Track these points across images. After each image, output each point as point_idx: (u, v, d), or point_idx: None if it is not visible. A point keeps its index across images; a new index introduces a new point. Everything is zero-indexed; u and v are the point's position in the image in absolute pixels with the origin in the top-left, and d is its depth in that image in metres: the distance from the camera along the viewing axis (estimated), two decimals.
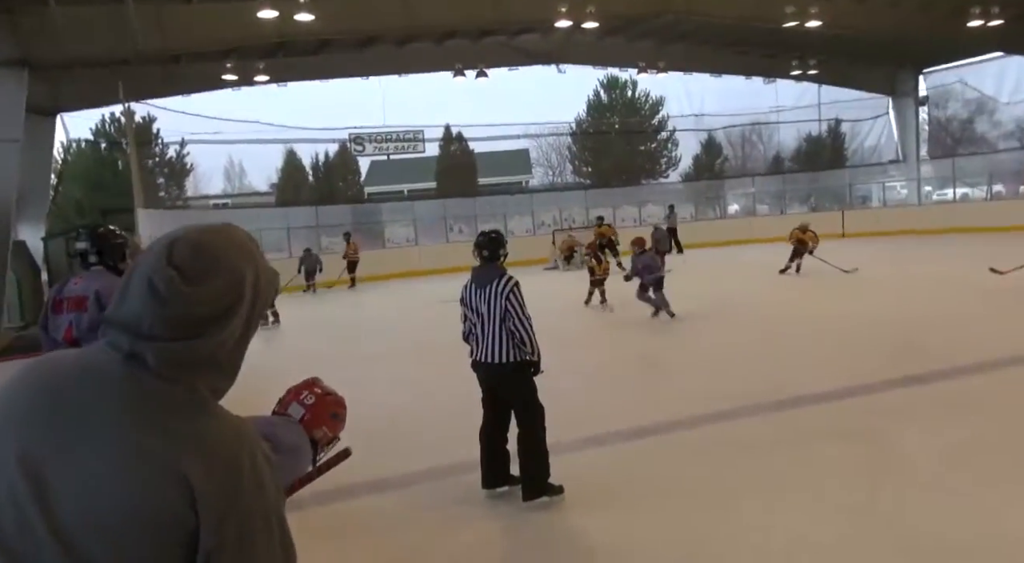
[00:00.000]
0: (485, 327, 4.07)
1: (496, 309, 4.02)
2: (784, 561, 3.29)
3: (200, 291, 1.02)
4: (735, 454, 4.67)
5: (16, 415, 1.01)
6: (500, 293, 4.04)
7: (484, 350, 4.10)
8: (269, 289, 1.13)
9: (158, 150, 29.98)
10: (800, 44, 22.60)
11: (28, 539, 0.95)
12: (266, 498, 1.03)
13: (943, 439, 4.70)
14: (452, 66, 21.34)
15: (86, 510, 0.95)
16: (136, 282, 1.02)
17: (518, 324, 4.01)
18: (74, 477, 0.96)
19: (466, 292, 4.25)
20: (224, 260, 1.06)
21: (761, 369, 7.00)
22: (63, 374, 1.03)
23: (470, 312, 4.18)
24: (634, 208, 25.68)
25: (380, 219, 24.45)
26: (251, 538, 1.00)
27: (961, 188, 25.13)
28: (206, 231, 1.09)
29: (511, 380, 4.12)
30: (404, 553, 3.69)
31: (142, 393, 1.00)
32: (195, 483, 0.96)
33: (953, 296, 10.41)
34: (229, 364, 1.08)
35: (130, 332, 1.01)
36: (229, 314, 1.05)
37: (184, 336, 1.01)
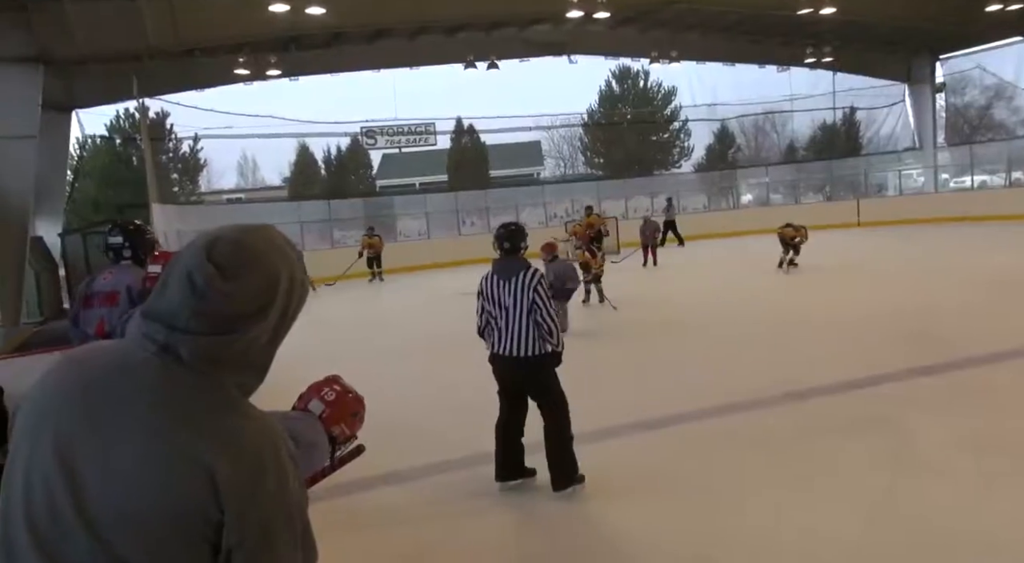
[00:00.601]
0: (509, 320, 4.02)
1: (523, 301, 3.98)
2: (797, 553, 3.28)
3: (237, 288, 1.04)
4: (746, 447, 4.65)
5: (53, 405, 1.03)
6: (528, 285, 4.01)
7: (508, 343, 4.04)
8: (303, 294, 1.16)
9: (172, 145, 30.17)
10: (815, 31, 22.33)
11: (58, 526, 0.97)
12: (289, 496, 1.04)
13: (957, 430, 4.67)
14: (463, 58, 21.27)
15: (115, 500, 0.97)
16: (176, 277, 1.05)
17: (546, 316, 3.97)
18: (105, 467, 0.98)
19: (486, 285, 4.17)
20: (262, 259, 1.08)
21: (772, 361, 6.97)
22: (98, 366, 1.06)
23: (491, 305, 4.10)
24: (646, 199, 25.57)
25: (392, 212, 24.49)
26: (273, 535, 1.02)
27: (979, 176, 24.80)
28: (246, 231, 1.11)
29: (536, 373, 4.08)
30: (421, 545, 3.71)
31: (174, 386, 1.02)
32: (220, 478, 0.98)
33: (969, 285, 10.29)
34: (259, 362, 1.10)
35: (166, 325, 1.04)
36: (263, 313, 1.07)
37: (218, 331, 1.04)
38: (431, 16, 17.79)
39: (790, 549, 3.31)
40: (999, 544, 3.21)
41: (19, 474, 1.01)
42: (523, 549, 3.62)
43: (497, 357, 4.15)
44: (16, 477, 1.01)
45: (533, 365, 4.05)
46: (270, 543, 1.02)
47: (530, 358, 4.01)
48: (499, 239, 4.26)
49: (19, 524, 0.99)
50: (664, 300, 11.78)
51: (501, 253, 4.23)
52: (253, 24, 15.96)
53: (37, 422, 1.03)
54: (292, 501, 1.05)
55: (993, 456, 4.19)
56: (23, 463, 1.02)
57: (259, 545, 1.01)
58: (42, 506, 0.98)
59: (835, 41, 23.34)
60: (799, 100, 30.11)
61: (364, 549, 3.64)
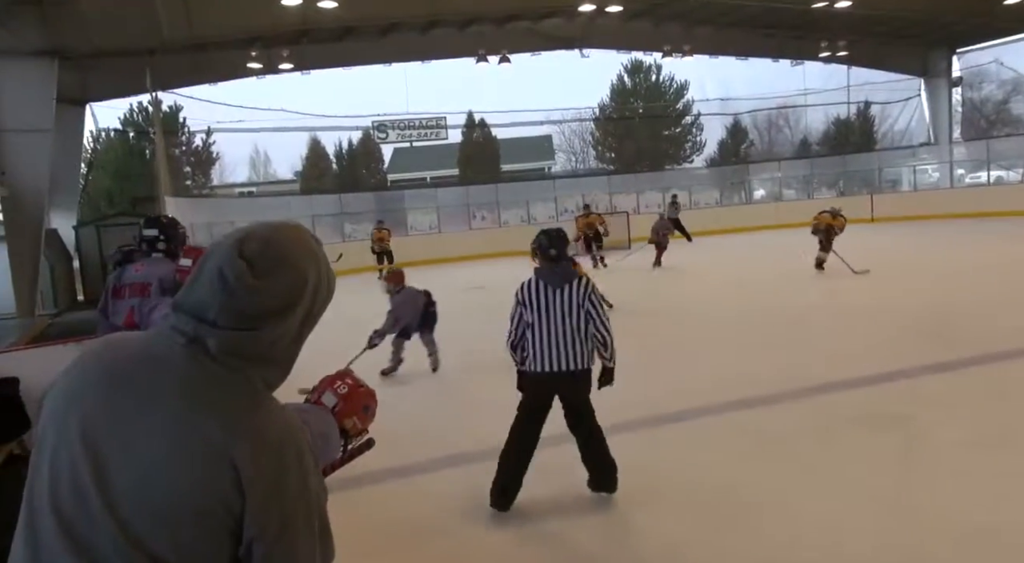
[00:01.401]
0: (556, 331, 3.73)
1: (575, 312, 3.73)
2: (812, 548, 3.26)
3: (267, 285, 1.05)
4: (761, 441, 4.63)
5: (82, 392, 1.05)
6: (582, 295, 3.76)
7: (554, 357, 3.75)
8: (329, 293, 1.17)
9: (184, 139, 30.35)
10: (829, 25, 22.12)
11: (84, 511, 0.99)
12: (309, 491, 1.06)
13: (973, 426, 4.63)
14: (475, 52, 21.24)
15: (139, 486, 0.99)
16: (207, 272, 1.06)
17: (601, 327, 3.75)
18: (129, 455, 1.00)
19: (530, 293, 3.84)
20: (291, 258, 1.10)
21: (786, 356, 6.93)
22: (128, 355, 1.08)
23: (534, 315, 3.79)
24: (658, 194, 25.46)
25: (403, 206, 24.52)
26: (293, 529, 1.03)
27: (996, 171, 24.52)
28: (277, 229, 1.13)
29: (581, 387, 3.83)
30: (427, 540, 3.72)
31: (201, 377, 1.04)
32: (243, 470, 0.99)
33: (985, 282, 10.19)
34: (284, 359, 1.12)
35: (196, 318, 1.05)
36: (290, 310, 1.09)
37: (245, 326, 1.05)
38: (443, 10, 17.77)
39: (808, 542, 3.30)
40: (1015, 541, 3.18)
41: (46, 457, 1.03)
42: (531, 544, 3.61)
43: (540, 375, 3.80)
44: (43, 460, 1.03)
45: (581, 379, 3.80)
46: (290, 536, 1.03)
47: (578, 372, 3.76)
48: (544, 246, 3.96)
49: (44, 505, 1.01)
50: (675, 295, 11.74)
51: (546, 260, 3.94)
52: (265, 18, 16.02)
53: (65, 407, 1.05)
54: (312, 496, 1.06)
55: (1010, 453, 4.16)
56: (50, 446, 1.03)
57: (279, 538, 1.02)
58: (67, 489, 1.00)
59: (850, 35, 23.12)
60: (813, 94, 29.91)
61: (369, 543, 3.66)
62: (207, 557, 1.00)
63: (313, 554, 1.07)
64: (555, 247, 3.95)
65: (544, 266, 3.95)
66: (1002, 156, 24.34)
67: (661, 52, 23.65)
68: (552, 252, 3.95)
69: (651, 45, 23.97)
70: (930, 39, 24.43)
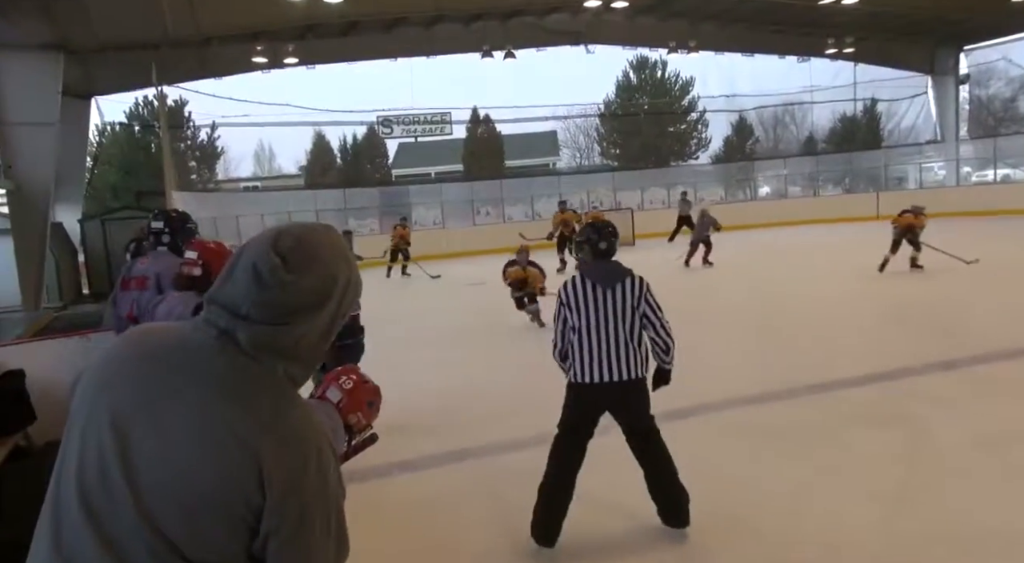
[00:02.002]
0: (607, 336, 3.31)
1: (629, 314, 3.34)
2: (816, 546, 3.26)
3: (299, 280, 1.08)
4: (765, 439, 4.63)
5: (113, 378, 1.08)
6: (638, 295, 3.36)
7: (603, 366, 3.31)
8: (355, 297, 1.20)
9: (190, 133, 30.40)
10: (836, 22, 22.02)
11: (107, 495, 1.01)
12: (328, 488, 1.08)
13: (978, 424, 4.62)
14: (480, 47, 21.19)
15: (164, 474, 1.01)
16: (241, 266, 1.09)
17: (661, 330, 3.38)
18: (156, 442, 1.02)
19: (575, 293, 3.39)
20: (323, 257, 1.13)
21: (793, 353, 6.92)
22: (159, 344, 1.11)
23: (580, 318, 3.35)
24: (663, 190, 25.43)
25: (407, 201, 24.52)
26: (310, 523, 1.05)
27: (1003, 169, 24.40)
28: (311, 229, 1.17)
29: (639, 398, 3.41)
30: (434, 535, 3.72)
31: (230, 369, 1.06)
32: (265, 463, 1.01)
33: (991, 280, 10.15)
34: (310, 356, 1.14)
35: (229, 311, 1.08)
36: (319, 307, 1.11)
37: (275, 321, 1.08)
38: (448, 5, 17.74)
39: (811, 539, 3.30)
40: (1017, 540, 3.17)
41: (75, 441, 1.06)
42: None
43: (587, 386, 3.35)
44: (72, 443, 1.06)
45: (634, 390, 3.37)
46: (306, 531, 1.04)
47: (630, 382, 3.33)
48: (592, 240, 3.52)
49: (71, 486, 1.03)
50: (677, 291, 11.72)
51: (594, 255, 3.51)
52: (270, 12, 16.00)
53: (96, 392, 1.07)
54: (331, 493, 1.08)
55: (1012, 452, 4.14)
56: (79, 430, 1.06)
57: (295, 532, 1.03)
58: (94, 473, 1.02)
59: (857, 31, 23.01)
60: (819, 91, 29.79)
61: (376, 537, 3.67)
62: (223, 548, 1.02)
63: (328, 551, 1.08)
64: (605, 240, 3.52)
65: (591, 262, 3.52)
66: (1009, 154, 24.22)
67: (667, 48, 23.58)
68: (602, 246, 3.51)
69: (657, 41, 23.91)
70: (938, 36, 24.31)
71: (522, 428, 5.02)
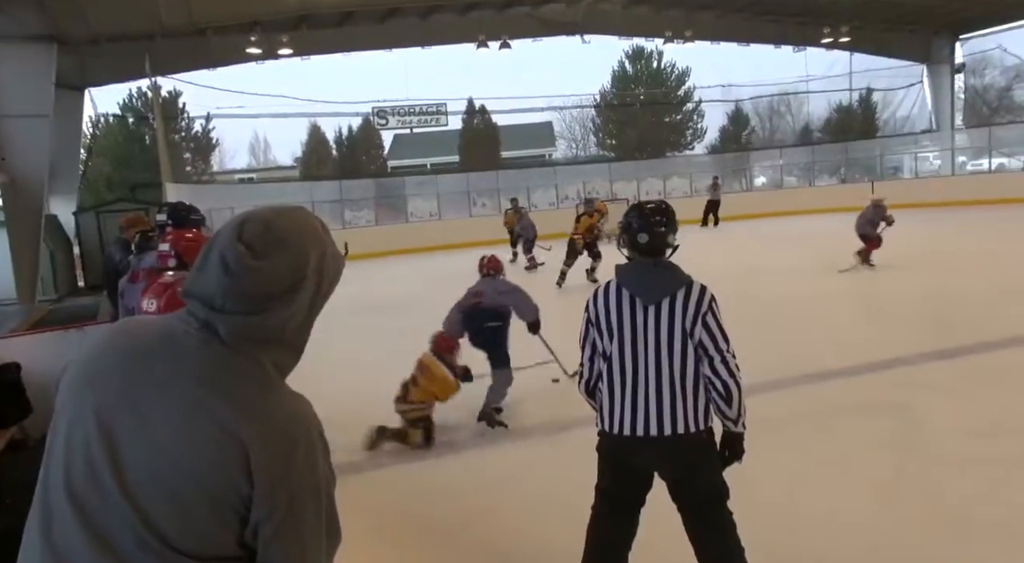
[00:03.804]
0: (647, 372, 2.38)
1: (680, 341, 2.36)
2: (811, 536, 3.28)
3: (266, 266, 1.06)
4: (761, 429, 4.63)
5: (98, 373, 1.07)
6: (693, 314, 2.36)
7: (644, 414, 2.38)
8: (335, 274, 1.19)
9: (184, 125, 30.26)
10: (832, 10, 21.98)
11: (96, 489, 1.01)
12: (317, 475, 1.08)
13: (972, 413, 4.65)
14: (475, 37, 21.11)
15: (149, 466, 1.01)
16: (211, 257, 1.08)
17: (721, 366, 2.35)
18: (142, 435, 1.02)
19: (607, 309, 2.44)
20: (291, 240, 1.10)
21: (787, 343, 6.94)
22: (143, 337, 1.10)
23: (613, 343, 2.43)
24: (659, 181, 25.42)
25: (403, 193, 24.48)
26: (300, 511, 1.05)
27: (997, 158, 24.44)
28: (277, 212, 1.14)
29: (695, 461, 2.44)
30: (426, 526, 3.75)
31: (213, 361, 1.05)
32: (252, 451, 1.01)
33: (984, 269, 10.19)
34: (294, 342, 1.14)
35: (205, 304, 1.07)
36: (293, 292, 1.10)
37: (252, 310, 1.07)
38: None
39: (802, 527, 3.32)
40: (1012, 528, 3.20)
41: (61, 436, 1.05)
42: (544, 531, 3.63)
43: (616, 440, 2.44)
44: (58, 439, 1.05)
45: (691, 448, 2.41)
46: (296, 518, 1.04)
47: (685, 437, 2.37)
48: (631, 229, 2.47)
49: (58, 481, 1.03)
50: None
51: (637, 253, 2.49)
52: (264, 3, 15.93)
53: (80, 387, 1.07)
54: (320, 480, 1.08)
55: (1007, 441, 4.18)
56: (65, 425, 1.05)
57: (285, 519, 1.04)
58: (81, 470, 1.02)
59: (853, 20, 22.96)
60: (815, 81, 29.77)
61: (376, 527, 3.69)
62: (213, 537, 1.02)
63: (319, 538, 1.08)
64: (647, 231, 2.45)
65: (631, 264, 2.50)
66: (1004, 143, 24.24)
67: (662, 38, 23.51)
68: (642, 239, 2.45)
69: (652, 31, 23.81)
70: (933, 25, 24.28)
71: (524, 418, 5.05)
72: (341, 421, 5.19)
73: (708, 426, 2.43)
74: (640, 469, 2.50)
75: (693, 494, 2.47)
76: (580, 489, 2.73)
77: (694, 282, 2.44)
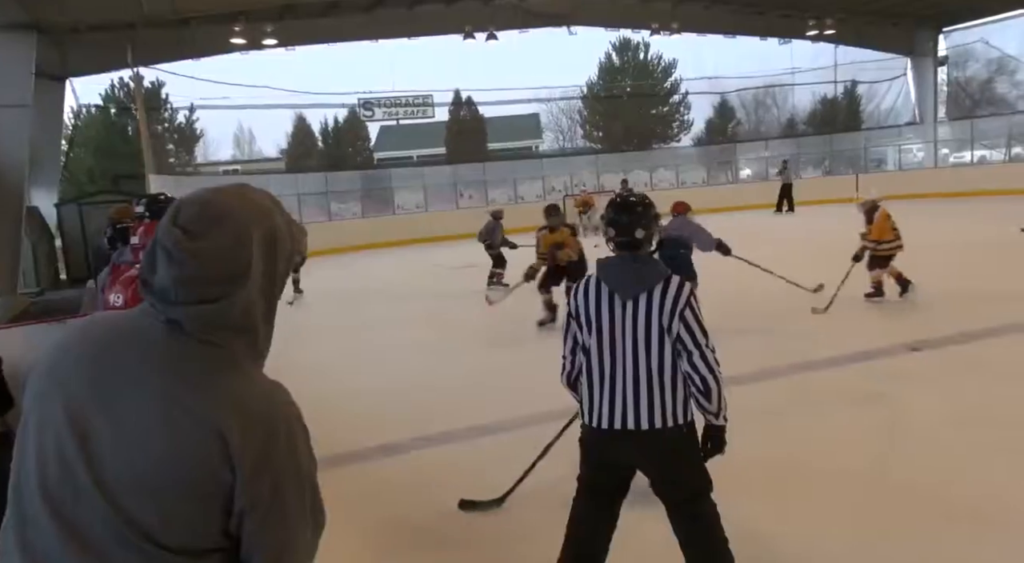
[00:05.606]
0: (626, 366, 2.40)
1: (657, 337, 2.37)
2: (796, 525, 3.33)
3: (203, 247, 1.03)
4: (745, 419, 4.69)
5: (66, 372, 1.05)
6: (670, 310, 2.37)
7: (623, 408, 2.40)
8: (291, 250, 1.14)
9: (167, 115, 29.94)
10: (817, 3, 22.05)
11: (71, 489, 0.99)
12: (299, 461, 1.06)
13: (948, 402, 4.73)
14: (462, 29, 21.00)
15: (126, 463, 0.99)
16: (156, 249, 1.06)
17: (699, 360, 2.35)
18: (116, 431, 1.00)
19: (584, 301, 2.48)
20: (229, 217, 1.06)
21: (768, 335, 7.01)
22: (110, 332, 1.08)
23: (592, 337, 2.46)
24: (645, 173, 25.47)
25: (389, 185, 24.38)
26: (283, 498, 1.04)
27: (979, 150, 24.69)
28: (215, 191, 1.11)
29: (676, 455, 2.46)
30: (419, 518, 3.76)
31: (182, 354, 1.03)
32: (231, 441, 0.99)
33: (964, 260, 10.32)
34: (262, 325, 1.11)
35: (162, 299, 1.05)
36: (242, 272, 1.06)
37: (206, 298, 1.04)
38: None
39: (787, 515, 3.37)
40: (986, 513, 3.27)
41: (31, 438, 1.03)
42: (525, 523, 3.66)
43: (598, 434, 2.48)
44: (28, 441, 1.03)
45: (671, 442, 2.43)
46: (281, 506, 1.04)
47: (664, 431, 2.39)
48: (612, 221, 2.51)
49: (32, 487, 1.01)
50: None
51: (615, 247, 2.52)
52: None
53: (49, 386, 1.05)
54: (303, 466, 1.07)
55: (982, 428, 4.25)
56: (35, 427, 1.03)
57: (270, 508, 1.03)
58: (55, 470, 1.00)
59: (838, 13, 23.07)
60: (800, 73, 29.89)
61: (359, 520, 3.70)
62: (197, 530, 1.01)
63: (304, 524, 1.08)
64: (614, 225, 2.50)
65: (611, 258, 2.53)
66: (986, 135, 24.48)
67: (649, 30, 23.52)
68: (610, 233, 2.51)
69: (639, 22, 23.81)
70: (917, 18, 24.44)
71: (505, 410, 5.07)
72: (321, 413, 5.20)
73: (689, 420, 2.46)
74: (620, 462, 2.53)
75: (675, 488, 2.50)
76: (564, 480, 2.75)
77: (672, 277, 2.43)
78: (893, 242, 7.92)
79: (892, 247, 7.93)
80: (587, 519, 2.57)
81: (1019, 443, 4.00)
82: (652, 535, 2.82)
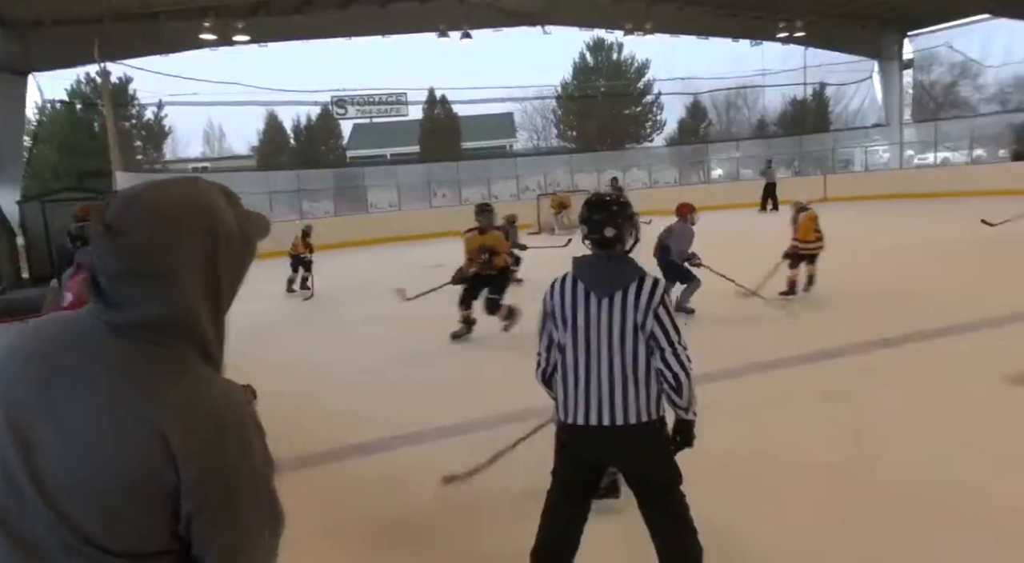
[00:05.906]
0: (600, 364, 2.46)
1: (632, 334, 2.43)
2: (765, 519, 3.38)
3: (125, 243, 1.00)
4: (716, 415, 4.75)
5: (6, 378, 1.02)
6: (644, 307, 2.42)
7: (597, 404, 2.46)
8: (244, 244, 1.11)
9: (135, 112, 29.42)
10: (787, 5, 22.38)
11: (14, 496, 0.97)
12: (252, 461, 1.03)
13: (913, 400, 4.82)
14: (436, 27, 20.95)
15: (71, 470, 0.97)
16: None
17: (671, 357, 2.42)
18: (59, 438, 0.98)
19: (560, 298, 2.52)
20: (159, 212, 1.03)
21: (734, 333, 7.10)
22: (52, 336, 1.05)
23: (567, 334, 2.50)
24: (619, 172, 25.61)
25: (362, 183, 24.22)
26: (235, 500, 1.01)
27: (943, 152, 25.27)
28: (152, 186, 1.07)
29: (648, 450, 2.53)
30: (396, 516, 3.75)
31: (126, 357, 1.00)
32: (175, 442, 0.97)
33: (926, 260, 10.56)
34: (209, 328, 1.06)
35: (102, 302, 1.02)
36: (176, 268, 1.02)
37: (144, 299, 1.01)
38: None
39: (756, 509, 3.42)
40: (953, 510, 3.35)
41: None
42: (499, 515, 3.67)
43: (572, 430, 2.53)
44: None
45: (643, 438, 2.49)
46: (232, 508, 1.01)
47: (636, 427, 2.45)
48: (585, 218, 2.57)
49: None
50: None
51: (592, 246, 2.57)
52: None
53: None
54: (256, 466, 1.04)
55: (947, 425, 4.35)
56: None
57: (220, 510, 1.00)
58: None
59: (808, 15, 23.44)
60: (771, 75, 30.34)
61: (333, 519, 3.68)
62: (142, 532, 0.99)
63: (260, 525, 1.05)
64: (587, 223, 2.56)
65: (589, 256, 2.57)
66: (949, 137, 25.06)
67: (623, 30, 23.67)
68: (583, 230, 2.57)
69: (613, 22, 23.95)
70: (884, 21, 24.93)
71: (480, 409, 5.08)
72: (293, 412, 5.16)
73: (660, 415, 2.53)
74: (593, 457, 2.59)
75: (646, 481, 2.57)
76: (538, 478, 2.77)
77: (647, 275, 2.49)
78: (815, 243, 8.56)
79: (814, 247, 8.58)
80: (561, 513, 2.63)
81: (983, 439, 4.10)
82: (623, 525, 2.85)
